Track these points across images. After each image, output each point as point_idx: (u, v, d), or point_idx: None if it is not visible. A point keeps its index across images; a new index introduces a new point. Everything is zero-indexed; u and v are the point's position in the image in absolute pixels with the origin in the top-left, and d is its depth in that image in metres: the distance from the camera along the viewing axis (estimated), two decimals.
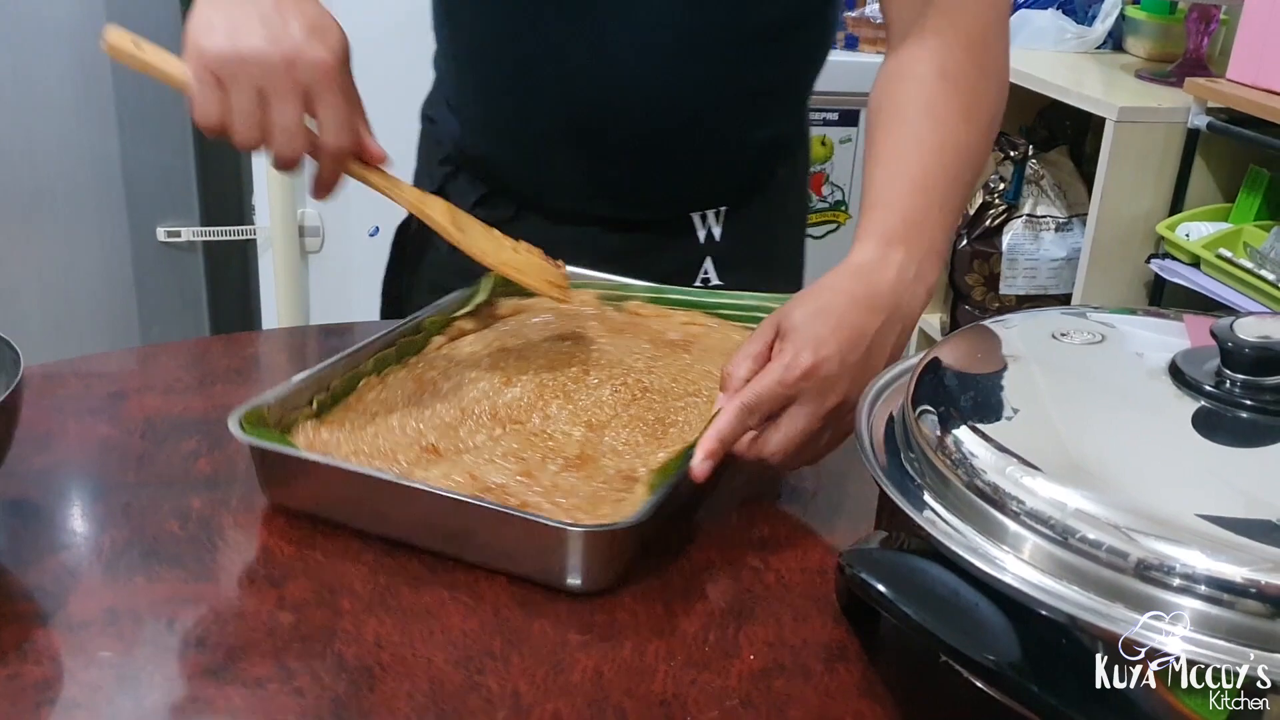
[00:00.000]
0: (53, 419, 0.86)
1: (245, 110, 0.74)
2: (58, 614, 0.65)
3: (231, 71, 0.74)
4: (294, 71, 0.74)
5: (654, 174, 1.08)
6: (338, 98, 0.76)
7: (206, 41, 0.74)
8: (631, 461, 0.76)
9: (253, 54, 0.73)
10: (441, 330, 0.93)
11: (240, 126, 0.75)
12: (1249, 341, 0.59)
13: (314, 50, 0.75)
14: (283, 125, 0.75)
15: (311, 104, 0.75)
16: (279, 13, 0.75)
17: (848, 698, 0.62)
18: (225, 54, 0.73)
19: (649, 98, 1.02)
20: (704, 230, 1.13)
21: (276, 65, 0.74)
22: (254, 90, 0.74)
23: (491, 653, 0.64)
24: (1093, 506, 0.54)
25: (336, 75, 0.75)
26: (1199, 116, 2.03)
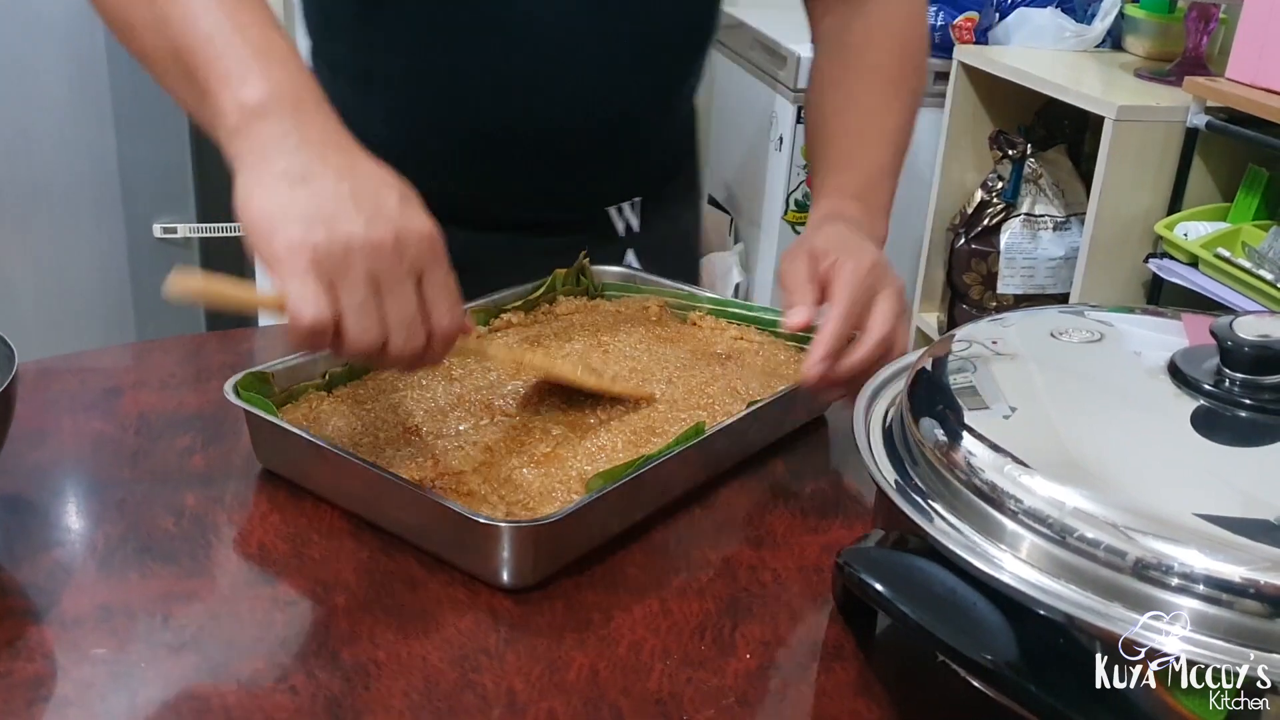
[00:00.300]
0: (47, 415, 0.85)
1: (361, 307, 0.64)
2: (51, 611, 0.65)
3: (339, 265, 0.63)
4: (404, 252, 0.65)
5: (570, 178, 1.07)
6: (446, 273, 0.68)
7: (297, 234, 0.63)
8: (599, 465, 0.75)
9: (360, 241, 0.64)
10: (486, 321, 0.94)
11: (357, 327, 0.64)
12: (1248, 340, 0.59)
13: (415, 222, 0.67)
14: (402, 317, 0.65)
15: (421, 284, 0.67)
16: (361, 181, 0.67)
17: (844, 697, 0.62)
18: (328, 249, 0.63)
19: (563, 106, 1.01)
20: (622, 223, 1.14)
21: (385, 249, 0.64)
22: (368, 282, 0.64)
23: (487, 651, 0.63)
24: (1091, 505, 0.54)
25: (442, 247, 0.68)
26: (1198, 116, 2.03)
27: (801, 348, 0.95)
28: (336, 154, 0.68)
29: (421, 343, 0.67)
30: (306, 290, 0.63)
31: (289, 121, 0.68)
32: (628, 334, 0.94)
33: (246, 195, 0.66)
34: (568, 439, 0.78)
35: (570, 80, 1.01)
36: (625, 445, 0.77)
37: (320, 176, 0.66)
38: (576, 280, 1.03)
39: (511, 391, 0.83)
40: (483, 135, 1.02)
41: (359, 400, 0.82)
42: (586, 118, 1.03)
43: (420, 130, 1.03)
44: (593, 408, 0.82)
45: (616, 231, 1.14)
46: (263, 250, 0.65)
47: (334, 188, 0.66)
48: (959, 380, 0.66)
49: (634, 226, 1.15)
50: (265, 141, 0.68)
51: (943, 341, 0.71)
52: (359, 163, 0.69)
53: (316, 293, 0.63)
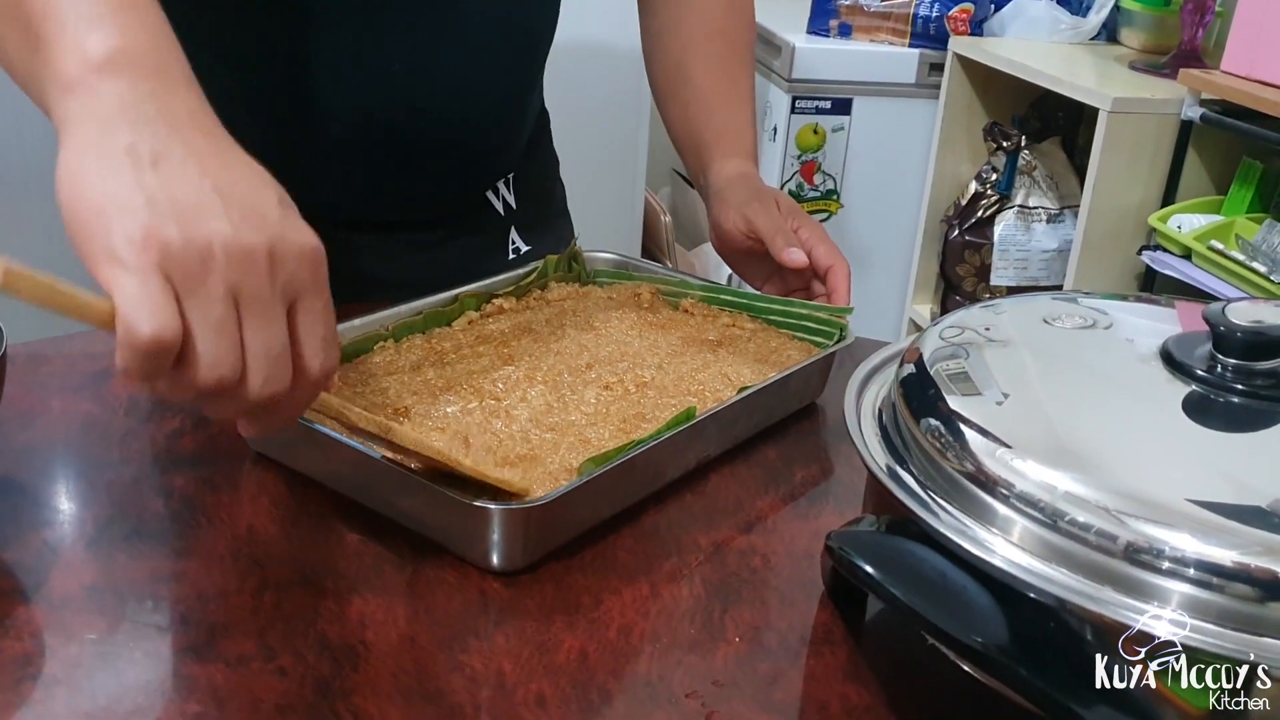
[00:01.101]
0: (35, 396, 0.85)
1: (217, 327, 0.51)
2: (39, 590, 0.65)
3: (195, 271, 0.50)
4: (279, 268, 0.52)
5: (445, 172, 1.06)
6: (327, 304, 0.56)
7: (142, 226, 0.50)
8: (589, 452, 0.74)
9: (225, 245, 0.51)
10: (477, 307, 0.93)
11: (210, 352, 0.51)
12: (1241, 326, 0.59)
13: (296, 234, 0.54)
14: (266, 347, 0.53)
15: (294, 313, 0.54)
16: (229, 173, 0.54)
17: (833, 681, 0.62)
18: (182, 245, 0.50)
19: (435, 103, 1.00)
20: (499, 202, 1.13)
21: (256, 264, 0.52)
22: (228, 299, 0.51)
23: (476, 633, 0.63)
24: (1082, 490, 0.54)
25: (323, 269, 0.55)
26: (1192, 108, 2.03)
27: (795, 336, 0.95)
28: (203, 138, 0.55)
29: (285, 386, 0.54)
30: (148, 293, 0.49)
31: (144, 85, 0.54)
32: (619, 320, 0.94)
33: (75, 170, 0.52)
34: (557, 424, 0.78)
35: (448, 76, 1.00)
36: (615, 433, 0.77)
37: (180, 162, 0.52)
38: (569, 266, 1.02)
39: (501, 377, 0.83)
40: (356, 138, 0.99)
41: (349, 383, 0.81)
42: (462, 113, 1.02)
43: (294, 130, 0.96)
44: (582, 392, 0.82)
45: (497, 212, 1.14)
46: (92, 242, 0.51)
47: (196, 178, 0.52)
48: (951, 366, 0.66)
49: (512, 204, 1.15)
50: (109, 105, 0.53)
51: (935, 326, 0.71)
52: (229, 152, 0.55)
53: (160, 299, 0.49)
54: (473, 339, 0.89)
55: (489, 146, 1.08)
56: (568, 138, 1.28)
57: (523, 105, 1.10)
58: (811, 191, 2.64)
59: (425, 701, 0.58)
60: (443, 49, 0.98)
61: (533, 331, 0.90)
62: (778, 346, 0.93)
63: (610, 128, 2.50)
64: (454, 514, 0.67)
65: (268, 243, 0.52)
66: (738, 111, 1.11)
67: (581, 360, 0.86)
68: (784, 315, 0.97)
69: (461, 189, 1.10)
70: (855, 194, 2.66)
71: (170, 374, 0.51)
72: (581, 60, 2.30)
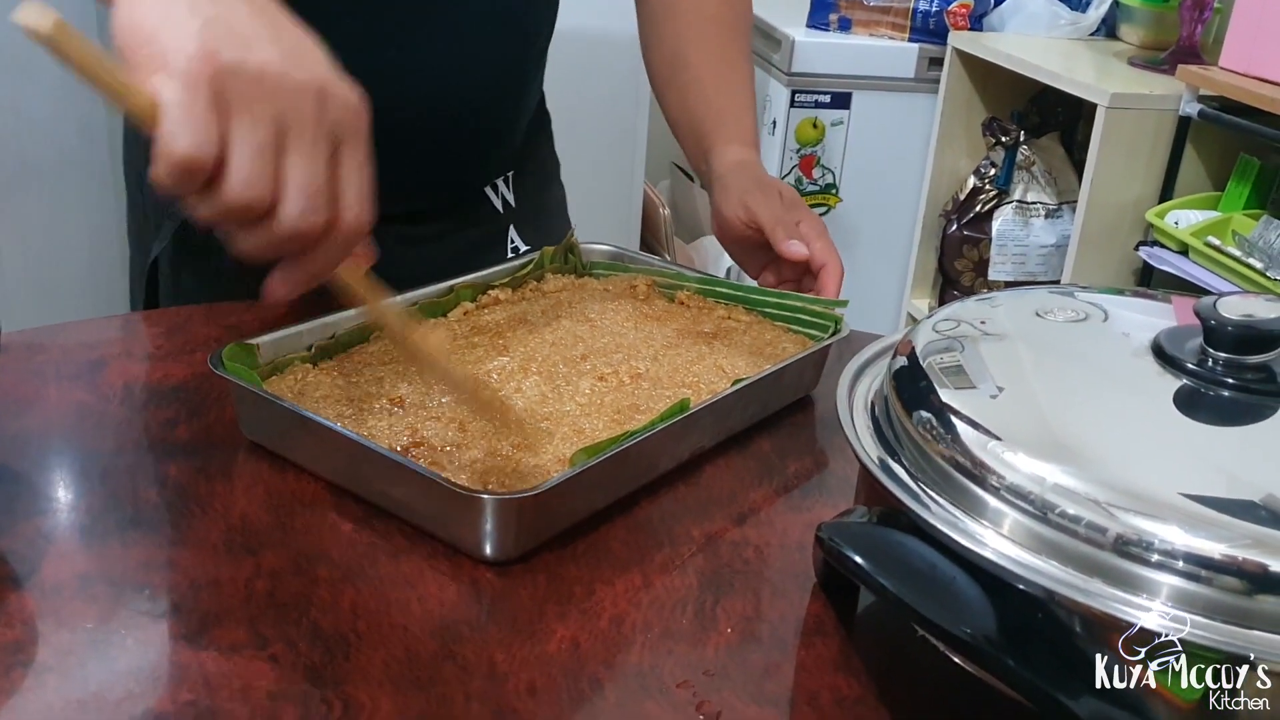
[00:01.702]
0: (30, 384, 0.85)
1: (256, 148, 0.51)
2: (31, 578, 0.65)
3: (245, 91, 0.51)
4: (326, 108, 0.53)
5: (451, 165, 1.06)
6: (364, 158, 0.56)
7: (198, 43, 0.50)
8: (582, 443, 0.75)
9: (277, 73, 0.52)
10: (473, 298, 0.93)
11: (245, 171, 0.51)
12: (1232, 320, 0.59)
13: (346, 89, 0.55)
14: (305, 179, 0.53)
15: (336, 156, 0.55)
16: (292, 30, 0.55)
17: (824, 672, 0.62)
18: (236, 65, 0.51)
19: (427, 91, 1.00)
20: (499, 199, 1.13)
21: (307, 94, 0.52)
22: (274, 123, 0.52)
23: (469, 622, 0.63)
24: (1073, 482, 0.54)
25: (365, 126, 0.56)
26: (1190, 104, 2.03)
27: (790, 329, 0.95)
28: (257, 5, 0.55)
29: (319, 222, 0.54)
30: (194, 108, 0.49)
31: None
32: (615, 312, 0.94)
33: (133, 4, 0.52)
34: (551, 414, 0.78)
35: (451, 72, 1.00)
36: (608, 424, 0.77)
37: (234, 8, 0.53)
38: (565, 258, 1.02)
39: (495, 367, 0.83)
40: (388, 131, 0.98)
41: (344, 372, 0.81)
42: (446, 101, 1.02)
43: None
44: (577, 382, 0.82)
45: (496, 209, 1.13)
46: (141, 51, 0.51)
47: (250, 14, 0.53)
48: (944, 359, 0.66)
49: (511, 202, 1.14)
50: None
51: (929, 318, 0.71)
52: (285, 15, 0.56)
53: (205, 116, 0.50)
54: (468, 330, 0.89)
55: (483, 138, 1.08)
56: (566, 130, 1.28)
57: (518, 98, 1.10)
58: (810, 185, 2.64)
59: (417, 690, 0.58)
60: (437, 38, 0.98)
61: (528, 323, 0.91)
62: (772, 339, 0.93)
63: (609, 120, 2.50)
64: (447, 503, 0.67)
65: (318, 82, 0.53)
66: (737, 97, 1.11)
67: (576, 351, 0.86)
68: (779, 308, 0.97)
69: (457, 181, 1.10)
70: (854, 188, 2.66)
71: (203, 188, 0.51)
72: (580, 52, 2.30)
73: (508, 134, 1.11)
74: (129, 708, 0.56)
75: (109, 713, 0.56)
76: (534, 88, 1.15)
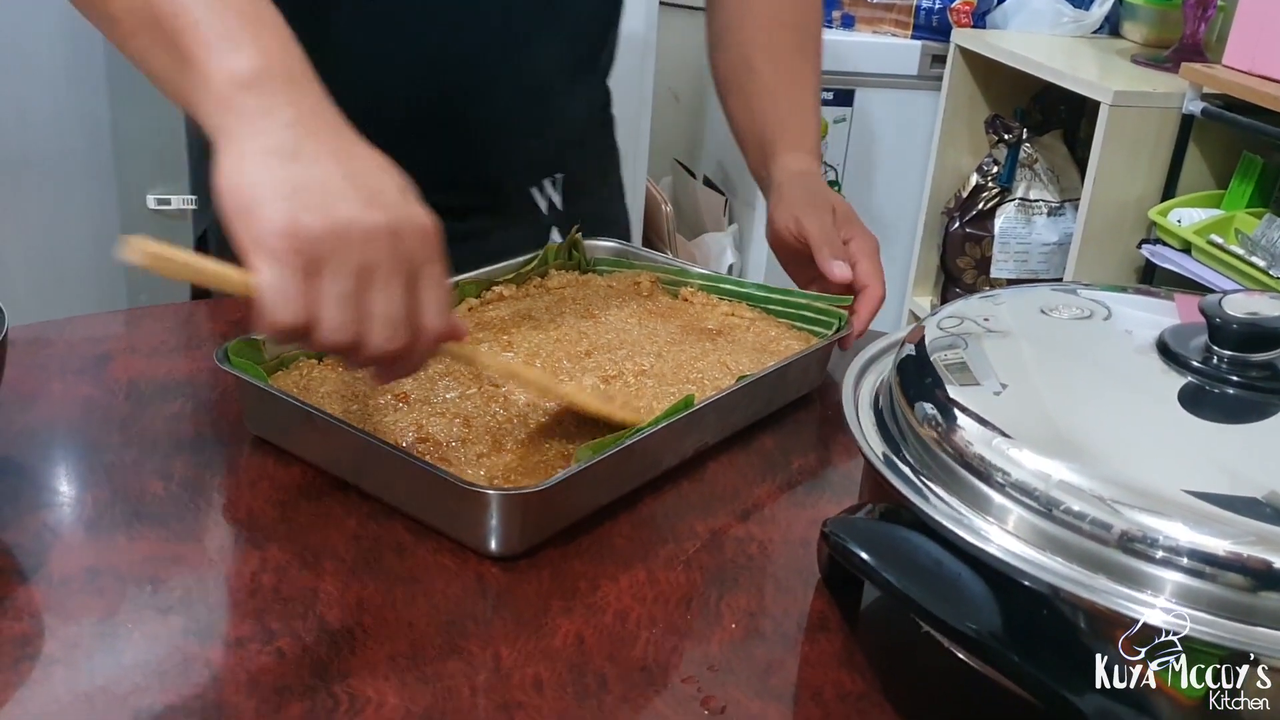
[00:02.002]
0: (36, 379, 0.85)
1: (343, 299, 0.58)
2: (38, 571, 0.65)
3: (328, 251, 0.57)
4: (400, 244, 0.59)
5: (486, 160, 1.06)
6: (443, 273, 0.63)
7: (283, 214, 0.57)
8: (584, 439, 0.75)
9: (353, 226, 0.58)
10: (477, 294, 0.94)
11: (334, 321, 0.58)
12: (1236, 318, 0.59)
13: (415, 213, 0.61)
14: (387, 315, 0.59)
15: (414, 282, 0.61)
16: (359, 164, 0.61)
17: (828, 667, 0.62)
18: (317, 233, 0.57)
19: (491, 84, 1.00)
20: (544, 201, 1.13)
21: (380, 240, 0.59)
22: (355, 275, 0.58)
23: (474, 617, 0.64)
24: (1077, 479, 0.54)
25: (440, 243, 0.62)
26: (1194, 102, 2.03)
27: (794, 326, 0.95)
28: (332, 134, 0.63)
29: (403, 344, 0.61)
30: (285, 284, 0.57)
31: (282, 95, 0.62)
32: (619, 308, 0.94)
33: (230, 170, 0.60)
34: (554, 409, 0.78)
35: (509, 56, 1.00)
36: (612, 423, 0.77)
37: (314, 155, 0.60)
38: (569, 254, 1.02)
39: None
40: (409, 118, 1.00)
41: (350, 368, 0.81)
42: (490, 91, 1.02)
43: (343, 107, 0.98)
44: (580, 378, 0.82)
45: (540, 210, 1.13)
46: (241, 229, 0.58)
47: (329, 168, 0.60)
48: (949, 356, 0.66)
49: (557, 204, 1.14)
50: (255, 115, 0.61)
51: (933, 316, 0.71)
52: (355, 145, 0.63)
53: (295, 287, 0.57)
54: (472, 326, 0.89)
55: (528, 137, 1.08)
56: None
57: (566, 100, 1.10)
58: None
59: (422, 684, 0.58)
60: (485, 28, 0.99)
61: (532, 319, 0.91)
62: (776, 336, 0.93)
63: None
64: (452, 499, 0.67)
65: (389, 223, 0.59)
66: (802, 106, 1.09)
67: (580, 347, 0.86)
68: (783, 305, 0.97)
69: (501, 178, 1.10)
70: (856, 185, 2.66)
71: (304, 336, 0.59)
72: None
73: (554, 135, 1.11)
74: (135, 701, 0.56)
75: (116, 706, 0.56)
76: (584, 91, 1.14)
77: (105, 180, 2.33)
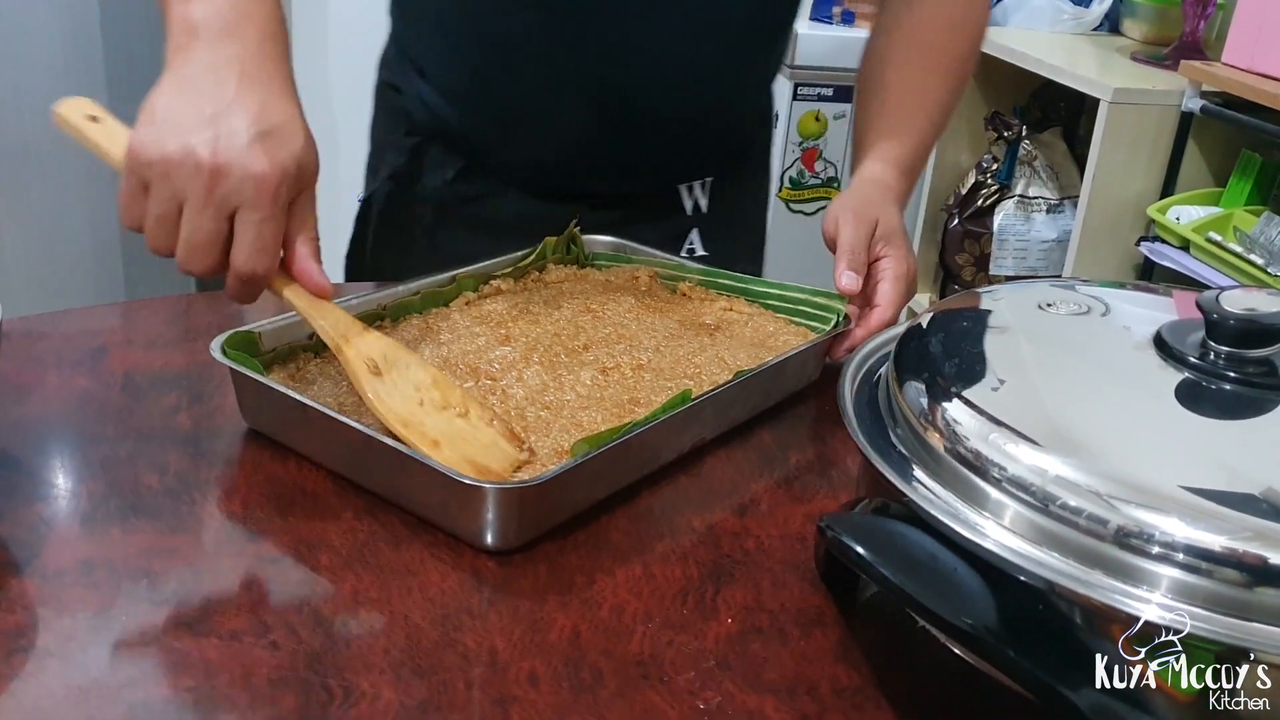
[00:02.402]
0: (31, 371, 0.85)
1: (158, 217, 0.69)
2: (32, 563, 0.65)
3: (154, 176, 0.68)
4: (218, 185, 0.68)
5: (648, 151, 1.07)
6: (262, 218, 0.70)
7: (141, 136, 0.69)
8: (581, 434, 0.75)
9: (178, 160, 0.68)
10: (475, 288, 0.94)
11: (150, 234, 0.70)
12: (1234, 314, 0.59)
13: (253, 162, 0.69)
14: (189, 240, 0.69)
15: (230, 220, 0.70)
16: (234, 108, 0.70)
17: (824, 662, 0.62)
18: (151, 158, 0.68)
19: (651, 76, 1.02)
20: (690, 201, 1.13)
21: (200, 175, 0.68)
22: (172, 199, 0.69)
23: (469, 611, 0.63)
24: (1074, 474, 0.54)
25: (272, 192, 0.69)
26: (1193, 100, 2.03)
27: (792, 320, 0.95)
28: (236, 81, 0.71)
29: (201, 269, 0.70)
30: (126, 193, 0.70)
31: (214, 42, 0.72)
32: (616, 303, 0.94)
33: (151, 92, 0.71)
34: (552, 403, 0.78)
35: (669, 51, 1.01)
36: (608, 418, 0.77)
37: (199, 93, 0.70)
38: (567, 249, 1.02)
39: (497, 356, 0.83)
40: (566, 100, 1.03)
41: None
42: (677, 91, 1.03)
43: (502, 87, 1.04)
44: (578, 371, 0.82)
45: (685, 210, 1.14)
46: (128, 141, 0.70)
47: (199, 105, 0.69)
48: (946, 351, 0.66)
49: (702, 206, 1.14)
50: (185, 51, 0.72)
51: (931, 310, 0.71)
52: (252, 93, 0.71)
53: (131, 198, 0.70)
54: (470, 320, 0.89)
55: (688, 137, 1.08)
56: None
57: (728, 103, 1.10)
58: (812, 179, 2.64)
59: (417, 678, 0.58)
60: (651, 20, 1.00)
61: (530, 313, 0.91)
62: (774, 331, 0.93)
63: None
64: (448, 493, 0.67)
65: (216, 163, 0.68)
66: (910, 119, 1.06)
67: (578, 342, 0.86)
68: (781, 299, 0.97)
69: (653, 172, 1.10)
70: None
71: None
72: None
73: (711, 137, 1.11)
74: (129, 694, 0.56)
75: (110, 699, 0.56)
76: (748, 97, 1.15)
77: (103, 174, 2.32)
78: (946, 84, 1.08)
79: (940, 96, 1.07)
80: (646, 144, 1.07)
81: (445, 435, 0.72)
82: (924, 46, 1.08)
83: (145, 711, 0.55)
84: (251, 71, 0.71)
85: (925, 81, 1.07)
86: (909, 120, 1.05)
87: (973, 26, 1.10)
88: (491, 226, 1.10)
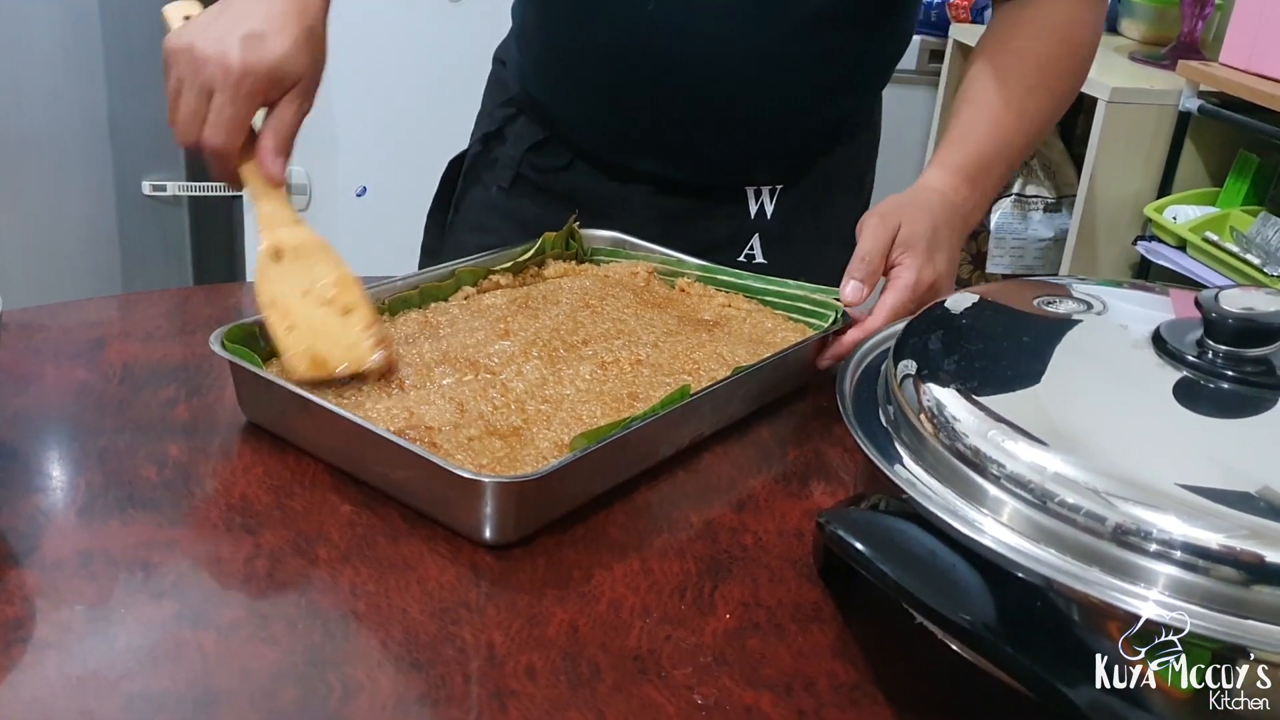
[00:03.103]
0: (30, 363, 0.85)
1: (170, 95, 0.84)
2: (31, 555, 0.65)
3: (170, 63, 0.83)
4: (200, 71, 0.82)
5: (714, 139, 1.07)
6: (224, 100, 0.82)
7: (173, 34, 0.84)
8: (580, 429, 0.75)
9: (183, 51, 0.82)
10: (474, 282, 0.94)
11: (169, 111, 0.84)
12: (1232, 313, 0.59)
13: (227, 55, 0.82)
14: (182, 113, 0.83)
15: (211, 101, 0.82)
16: (242, 21, 0.83)
17: (821, 658, 0.62)
18: (169, 49, 0.83)
19: (722, 63, 1.02)
20: (756, 205, 1.13)
21: (193, 64, 0.82)
22: (178, 82, 0.83)
23: (468, 604, 0.64)
24: (1072, 471, 0.54)
25: (236, 79, 0.81)
26: (1190, 99, 2.03)
27: (790, 317, 0.95)
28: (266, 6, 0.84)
29: (187, 140, 0.83)
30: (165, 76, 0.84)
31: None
32: (615, 298, 0.94)
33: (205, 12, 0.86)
34: (551, 396, 0.78)
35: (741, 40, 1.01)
36: (607, 413, 0.77)
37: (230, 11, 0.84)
38: (566, 244, 1.02)
39: (496, 350, 0.83)
40: (641, 79, 1.04)
41: None
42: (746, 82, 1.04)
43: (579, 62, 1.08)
44: (577, 366, 0.82)
45: (749, 212, 1.13)
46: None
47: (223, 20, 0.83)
48: (944, 348, 0.66)
49: (767, 212, 1.14)
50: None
51: (929, 308, 0.71)
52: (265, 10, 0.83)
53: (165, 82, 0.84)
54: (468, 314, 0.89)
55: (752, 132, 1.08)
56: None
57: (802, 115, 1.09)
58: None
59: (415, 671, 0.58)
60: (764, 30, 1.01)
61: (529, 307, 0.91)
62: (773, 327, 0.93)
63: None
64: (447, 487, 0.67)
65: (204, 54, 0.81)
66: (987, 129, 1.02)
67: (577, 336, 0.86)
68: (779, 296, 0.97)
69: (717, 164, 1.10)
70: None
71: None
72: None
73: (782, 141, 1.10)
74: (128, 686, 0.56)
75: (108, 690, 0.56)
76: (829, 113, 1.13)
77: (101, 166, 2.33)
78: (1036, 99, 1.03)
79: (1022, 107, 1.02)
80: (711, 135, 1.07)
81: (306, 324, 0.79)
82: (1029, 59, 1.04)
83: (143, 703, 0.55)
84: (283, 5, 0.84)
85: (1016, 94, 1.02)
86: (986, 130, 1.01)
87: (1073, 39, 1.05)
88: (564, 198, 1.11)
